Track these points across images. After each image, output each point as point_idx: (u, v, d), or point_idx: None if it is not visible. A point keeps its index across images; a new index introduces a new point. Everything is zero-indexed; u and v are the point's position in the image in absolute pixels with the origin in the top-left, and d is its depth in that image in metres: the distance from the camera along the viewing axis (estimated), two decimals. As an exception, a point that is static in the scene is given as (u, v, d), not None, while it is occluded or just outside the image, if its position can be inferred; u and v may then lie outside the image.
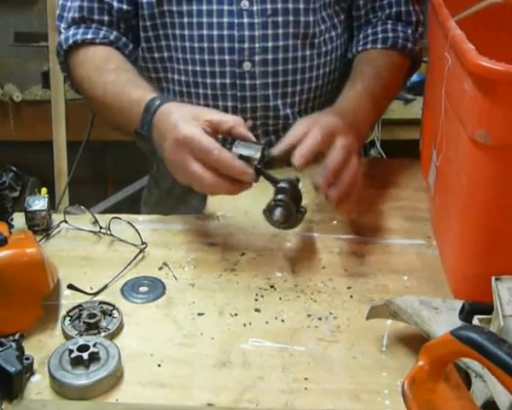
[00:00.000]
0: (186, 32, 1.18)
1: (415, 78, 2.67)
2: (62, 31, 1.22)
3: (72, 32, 1.20)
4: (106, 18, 1.19)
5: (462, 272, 0.90)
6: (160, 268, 0.99)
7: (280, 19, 1.17)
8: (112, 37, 1.20)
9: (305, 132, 0.96)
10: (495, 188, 0.83)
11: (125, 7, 1.19)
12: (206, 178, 0.93)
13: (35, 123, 2.60)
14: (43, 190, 1.09)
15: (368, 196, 1.16)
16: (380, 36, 1.22)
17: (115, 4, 1.18)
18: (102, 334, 0.84)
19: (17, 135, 2.64)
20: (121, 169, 1.12)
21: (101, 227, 1.05)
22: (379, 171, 1.25)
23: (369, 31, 1.24)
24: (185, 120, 0.95)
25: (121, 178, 1.10)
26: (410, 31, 1.23)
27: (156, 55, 1.23)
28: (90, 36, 1.19)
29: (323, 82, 1.25)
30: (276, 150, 0.97)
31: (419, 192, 1.16)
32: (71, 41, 1.19)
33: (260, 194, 0.99)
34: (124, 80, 1.11)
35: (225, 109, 1.22)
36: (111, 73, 1.13)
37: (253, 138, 0.95)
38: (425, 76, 1.23)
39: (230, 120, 0.96)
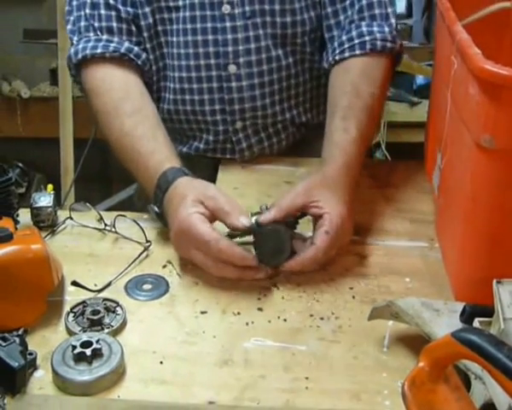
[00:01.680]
0: (174, 39, 1.20)
1: (421, 81, 2.68)
2: (74, 42, 1.20)
3: (81, 45, 1.17)
4: (115, 24, 1.18)
5: (464, 274, 0.90)
6: (164, 266, 0.99)
7: (258, 20, 1.18)
8: (123, 49, 1.17)
9: (297, 207, 0.96)
10: (499, 192, 0.83)
11: (130, 10, 1.18)
12: (209, 266, 0.95)
13: (42, 120, 2.61)
14: (50, 186, 1.10)
15: (372, 197, 1.16)
16: (356, 41, 1.17)
17: (121, 7, 1.18)
18: (106, 331, 0.85)
19: (24, 131, 2.65)
20: (127, 173, 1.13)
21: (106, 224, 1.06)
22: (383, 173, 1.25)
23: (344, 37, 1.19)
24: (185, 208, 0.94)
25: (127, 176, 1.11)
26: (386, 28, 1.18)
27: (154, 67, 1.23)
28: (99, 50, 1.16)
29: (312, 75, 1.26)
30: (265, 220, 0.95)
31: (423, 194, 1.16)
32: (80, 56, 1.17)
33: (263, 192, 0.99)
34: (140, 136, 1.08)
35: (213, 113, 1.23)
36: (127, 118, 1.10)
37: (247, 225, 0.94)
38: (431, 79, 1.22)
39: (224, 209, 0.94)
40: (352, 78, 1.15)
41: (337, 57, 1.19)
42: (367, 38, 1.17)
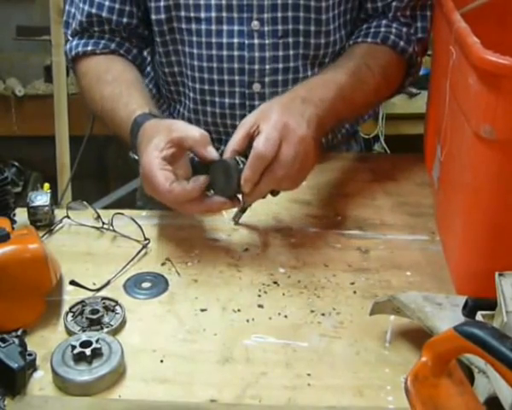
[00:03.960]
0: (195, 51, 1.17)
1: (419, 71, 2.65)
2: (69, 38, 1.23)
3: (74, 43, 1.21)
4: (106, 27, 1.19)
5: (466, 267, 0.90)
6: (163, 264, 0.99)
7: (290, 40, 1.16)
8: (113, 45, 1.19)
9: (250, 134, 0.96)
10: (499, 183, 0.83)
11: (125, 20, 1.18)
12: (174, 208, 0.96)
13: (37, 117, 2.59)
14: (46, 185, 1.09)
15: (371, 190, 1.16)
16: (372, 30, 1.18)
17: (114, 18, 1.18)
18: (105, 330, 0.84)
19: (19, 130, 2.64)
20: (124, 164, 1.12)
21: (103, 223, 1.06)
22: (383, 166, 1.25)
23: (364, 25, 1.20)
24: (148, 152, 0.95)
25: (124, 173, 1.10)
26: (405, 29, 1.18)
27: (167, 69, 1.23)
28: (90, 47, 1.19)
29: None
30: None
31: (423, 187, 1.16)
32: (73, 52, 1.21)
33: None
34: (118, 94, 1.10)
35: (234, 127, 1.21)
36: (108, 85, 1.13)
37: (214, 156, 0.95)
38: (429, 70, 1.22)
39: (194, 136, 0.95)
40: (356, 51, 1.16)
41: (351, 42, 1.20)
42: (382, 29, 1.18)
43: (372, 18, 1.21)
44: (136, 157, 1.02)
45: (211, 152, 0.95)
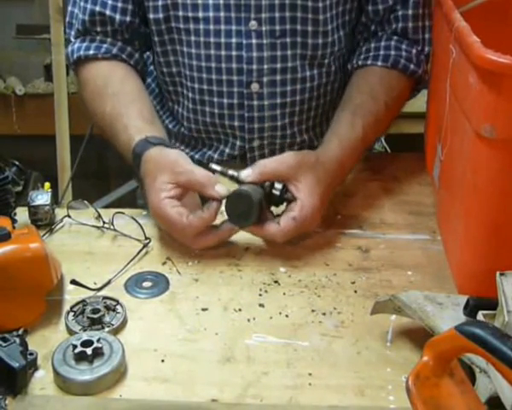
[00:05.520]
0: (193, 51, 1.17)
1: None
2: (72, 39, 1.22)
3: (76, 45, 1.20)
4: (109, 28, 1.18)
5: (467, 267, 0.90)
6: (164, 263, 0.98)
7: (288, 40, 1.16)
8: (115, 50, 1.18)
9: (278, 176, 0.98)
10: (500, 182, 0.83)
11: (128, 19, 1.17)
12: (189, 244, 0.98)
13: (38, 117, 2.59)
14: (47, 184, 1.09)
15: (372, 190, 1.16)
16: (381, 52, 1.17)
17: (117, 17, 1.17)
18: (106, 329, 0.84)
19: (20, 129, 2.64)
20: (124, 163, 1.12)
21: (104, 222, 1.05)
22: (383, 165, 1.25)
23: (372, 44, 1.19)
24: (156, 193, 0.96)
25: (124, 172, 1.10)
26: (414, 50, 1.18)
27: (165, 69, 1.23)
28: (92, 51, 1.18)
29: (332, 97, 1.24)
30: (245, 176, 0.98)
31: (424, 186, 1.16)
32: (75, 56, 1.19)
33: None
34: (117, 114, 1.10)
35: (232, 128, 1.22)
36: (109, 100, 1.12)
37: (225, 192, 0.95)
38: (429, 68, 1.22)
39: (199, 181, 0.96)
40: (371, 81, 1.16)
41: (360, 62, 1.19)
42: (392, 52, 1.17)
43: (374, 24, 1.20)
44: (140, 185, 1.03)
45: (220, 191, 0.96)
